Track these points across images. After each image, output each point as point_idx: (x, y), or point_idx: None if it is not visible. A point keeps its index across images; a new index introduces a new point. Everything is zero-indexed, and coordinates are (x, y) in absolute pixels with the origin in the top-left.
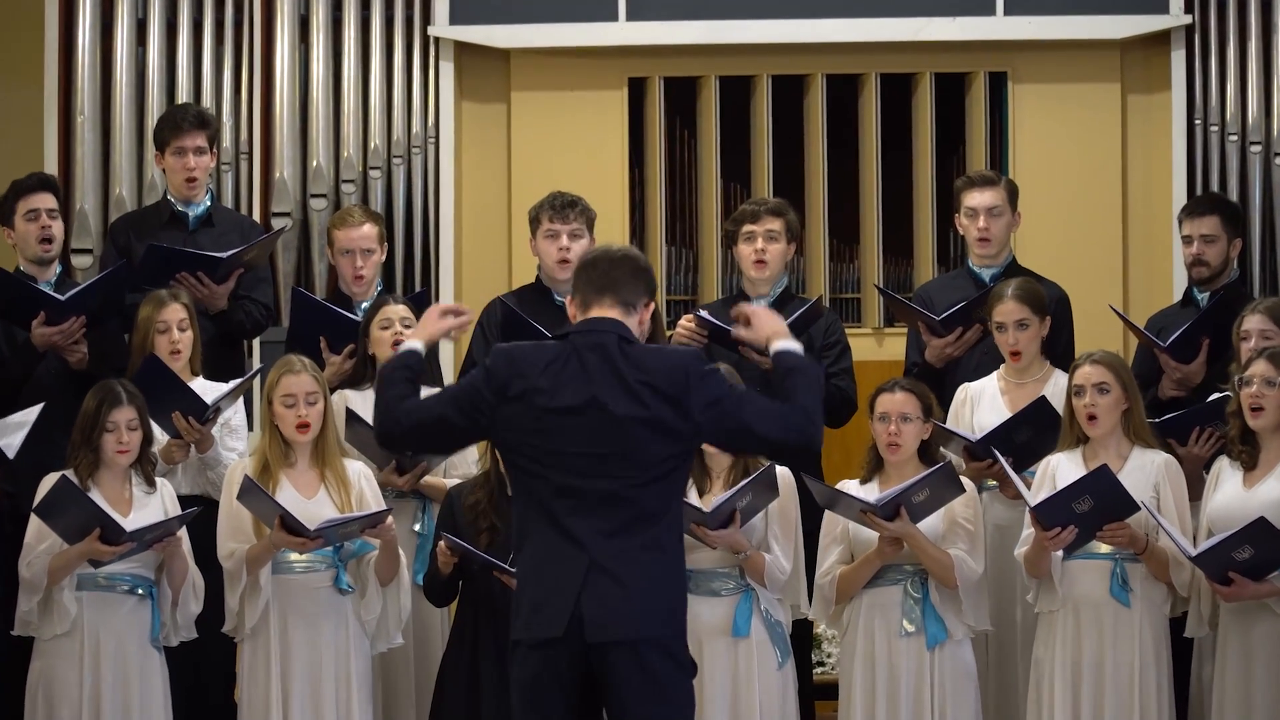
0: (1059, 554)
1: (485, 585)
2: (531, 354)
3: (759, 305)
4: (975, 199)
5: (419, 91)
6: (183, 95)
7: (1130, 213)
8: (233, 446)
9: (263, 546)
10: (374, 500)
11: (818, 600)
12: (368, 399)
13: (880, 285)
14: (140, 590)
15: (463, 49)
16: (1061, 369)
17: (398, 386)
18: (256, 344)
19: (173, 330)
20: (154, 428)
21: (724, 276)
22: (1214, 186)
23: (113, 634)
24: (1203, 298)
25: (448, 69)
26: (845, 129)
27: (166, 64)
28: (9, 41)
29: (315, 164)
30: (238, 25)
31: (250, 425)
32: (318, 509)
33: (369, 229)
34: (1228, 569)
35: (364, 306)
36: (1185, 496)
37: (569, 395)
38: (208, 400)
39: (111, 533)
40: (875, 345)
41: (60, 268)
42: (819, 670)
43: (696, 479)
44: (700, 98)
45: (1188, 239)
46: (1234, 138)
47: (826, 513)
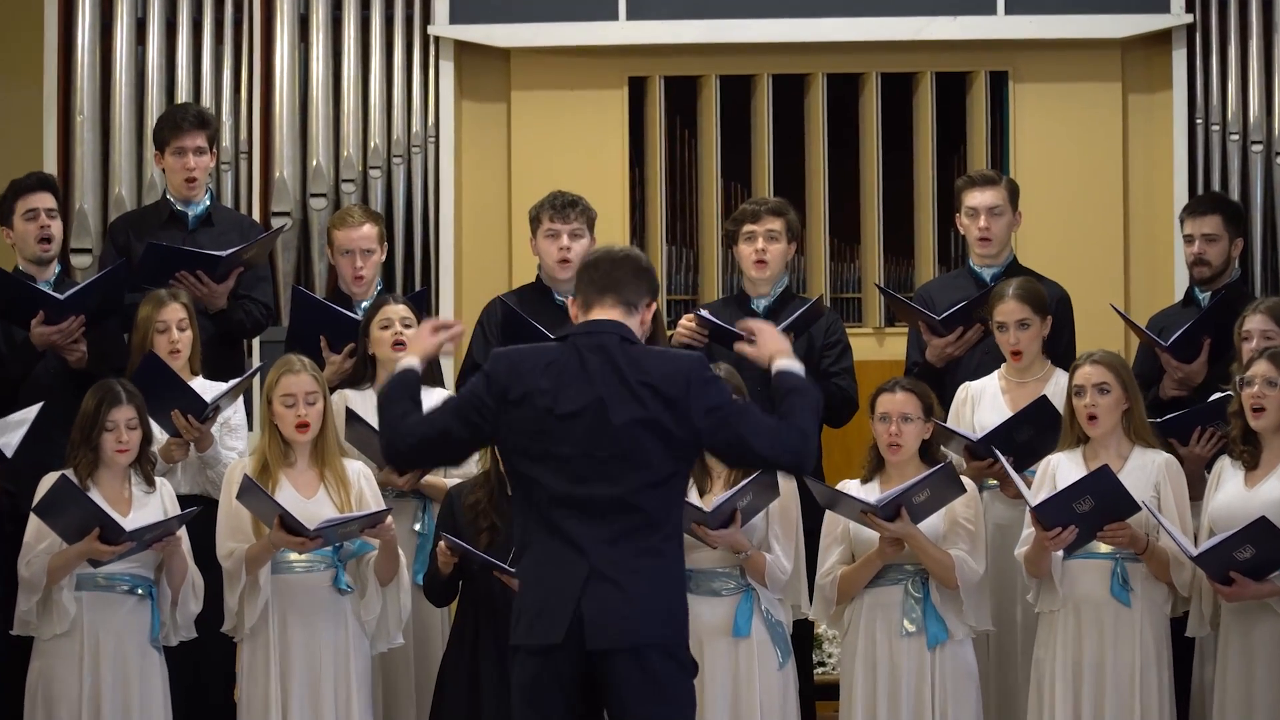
0: (1059, 554)
1: (485, 585)
2: (531, 357)
3: (761, 319)
4: (976, 198)
5: (419, 91)
6: (182, 95)
7: (1131, 212)
8: (232, 446)
9: (262, 546)
10: (373, 500)
11: (818, 600)
12: (368, 398)
13: (881, 285)
14: (140, 590)
15: (463, 48)
16: (1062, 368)
17: (399, 405)
18: (256, 343)
19: (172, 330)
20: (154, 427)
21: (724, 276)
22: (1215, 186)
23: (112, 634)
24: (1204, 297)
25: (448, 68)
26: (846, 128)
27: (166, 63)
28: (8, 41)
29: (315, 163)
30: (237, 24)
31: (250, 425)
32: (317, 509)
33: (369, 229)
34: (1229, 569)
35: (364, 306)
36: (1186, 496)
37: (571, 398)
38: (207, 399)
39: (111, 532)
40: (876, 345)
41: (59, 267)
42: (820, 670)
43: (697, 478)
44: (701, 97)
45: (1189, 238)
46: (1235, 137)
47: (827, 512)
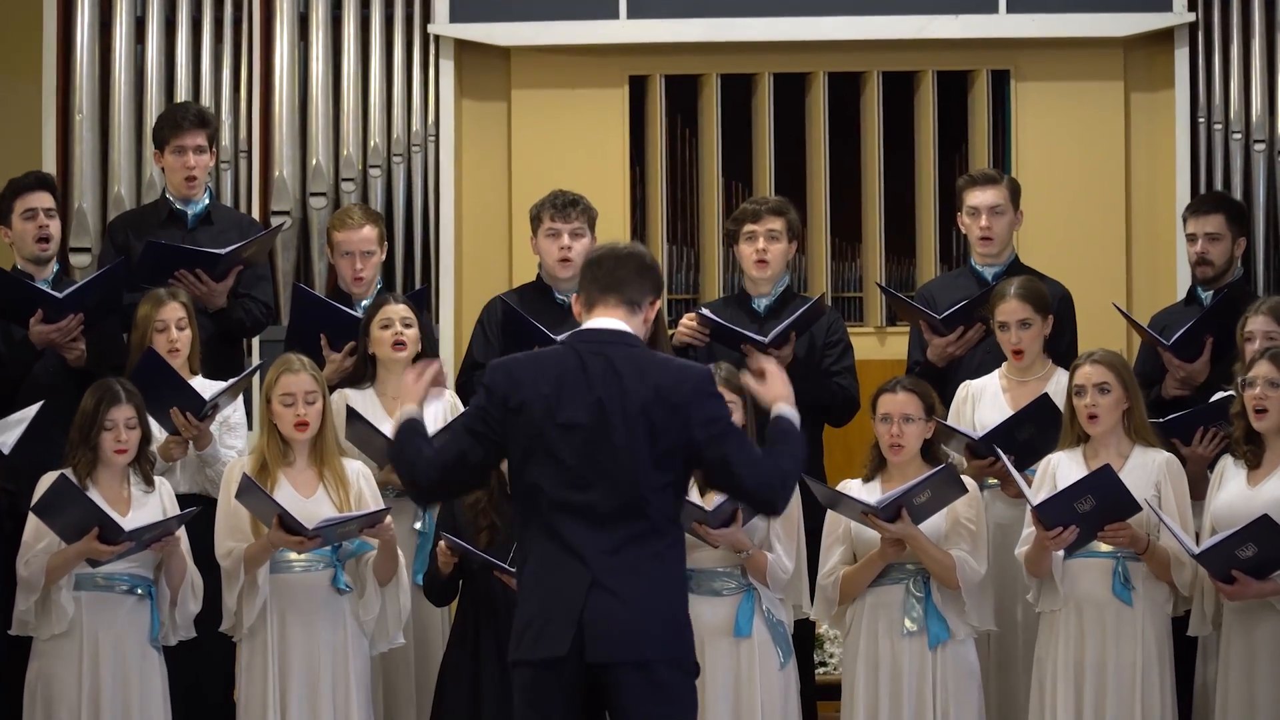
0: (1060, 553)
1: (485, 585)
2: (528, 364)
3: (773, 361)
4: (977, 198)
5: (419, 90)
6: (181, 93)
7: (1133, 211)
8: (232, 445)
9: (261, 545)
10: (372, 499)
11: (820, 600)
12: (368, 398)
13: (882, 284)
14: (139, 590)
15: (463, 47)
16: (1064, 367)
17: (410, 446)
18: (256, 342)
19: (171, 329)
20: (153, 426)
21: (725, 275)
22: (1217, 185)
23: (111, 634)
24: (1206, 296)
25: (448, 67)
26: (847, 127)
27: (165, 62)
28: (7, 39)
29: (315, 162)
30: (237, 23)
31: (250, 424)
32: (316, 508)
33: (369, 231)
34: (1231, 567)
35: (364, 304)
36: (1186, 495)
37: (572, 406)
38: (206, 398)
39: (110, 532)
40: (877, 344)
41: (57, 266)
42: (821, 670)
43: (698, 477)
44: (701, 96)
45: (1192, 237)
46: (1238, 136)
47: (829, 512)
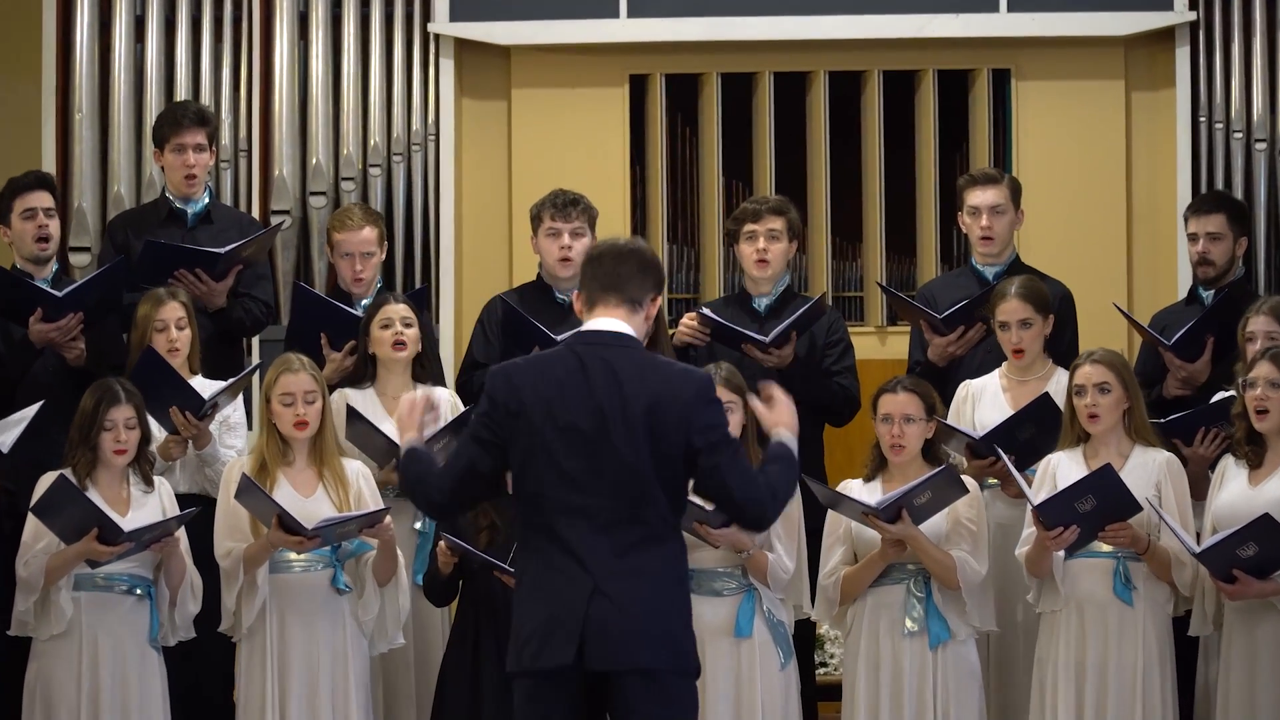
0: (1060, 554)
1: (485, 585)
2: (527, 369)
3: (782, 393)
4: (978, 197)
5: (419, 89)
6: (181, 92)
7: (1134, 210)
8: (231, 444)
9: (260, 545)
10: (372, 499)
11: (821, 601)
12: (368, 397)
13: (883, 283)
14: (138, 590)
15: (463, 46)
16: (1064, 367)
17: (417, 468)
18: (256, 342)
19: (170, 329)
20: (153, 426)
21: (726, 274)
22: (1218, 184)
23: (111, 634)
24: (1207, 295)
25: (448, 66)
26: (848, 126)
27: (165, 61)
28: (7, 38)
29: (315, 161)
30: (236, 22)
31: (250, 423)
32: (315, 508)
33: (369, 232)
34: (1232, 566)
35: (365, 304)
36: (1187, 495)
37: (573, 411)
38: (205, 397)
39: (109, 533)
40: (878, 344)
41: (56, 266)
42: (822, 671)
43: None
44: (702, 95)
45: (1193, 237)
46: (1239, 135)
47: (830, 512)
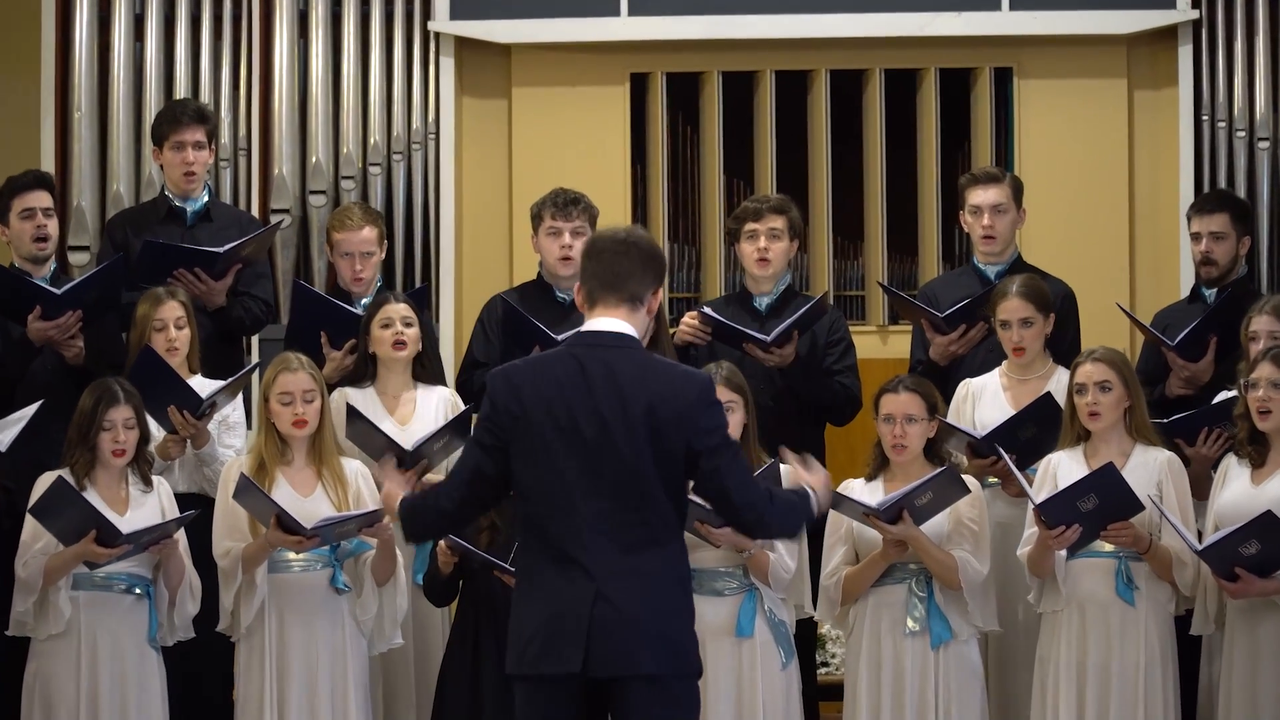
0: (1062, 553)
1: (486, 585)
2: (527, 371)
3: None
4: (980, 196)
5: (419, 87)
6: (181, 91)
7: (1137, 209)
8: (231, 444)
9: (259, 545)
10: (371, 499)
11: (823, 601)
12: (368, 396)
13: (884, 282)
14: (137, 590)
15: (463, 44)
16: (1066, 366)
17: (417, 498)
18: (255, 341)
19: (169, 328)
20: (152, 426)
21: (727, 273)
22: (1221, 183)
23: (110, 634)
24: (1210, 294)
25: (448, 64)
26: (849, 125)
27: (164, 59)
28: (6, 37)
29: (314, 160)
30: (236, 20)
31: (249, 423)
32: (314, 507)
33: (368, 232)
34: (1234, 564)
35: (364, 302)
36: (1188, 494)
37: (574, 413)
38: (204, 396)
39: (108, 535)
40: (880, 343)
41: (54, 265)
42: (823, 671)
43: None
44: (703, 93)
45: (1196, 236)
46: (1241, 134)
47: (831, 512)
